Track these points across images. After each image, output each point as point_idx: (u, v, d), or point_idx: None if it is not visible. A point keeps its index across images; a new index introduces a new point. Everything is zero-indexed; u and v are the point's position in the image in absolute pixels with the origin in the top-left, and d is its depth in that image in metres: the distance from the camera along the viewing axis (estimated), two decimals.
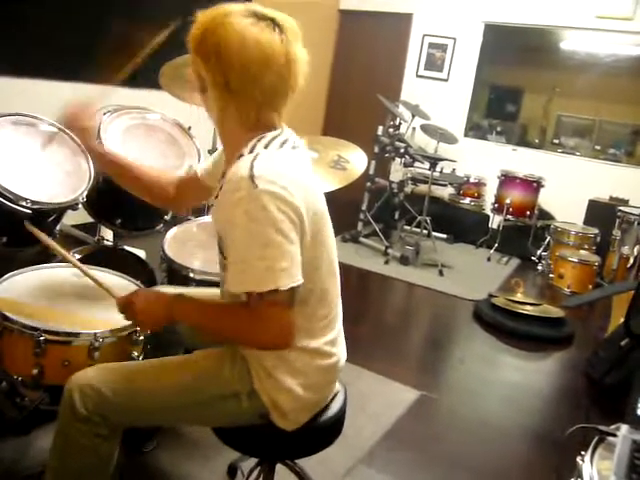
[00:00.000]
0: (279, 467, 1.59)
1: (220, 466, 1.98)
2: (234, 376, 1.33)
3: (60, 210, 2.00)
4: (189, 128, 2.47)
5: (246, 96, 1.24)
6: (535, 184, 5.46)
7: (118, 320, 1.48)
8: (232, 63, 1.20)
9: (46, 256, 2.09)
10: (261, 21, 1.21)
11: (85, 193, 2.02)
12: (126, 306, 1.35)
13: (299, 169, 1.29)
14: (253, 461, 1.69)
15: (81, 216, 2.22)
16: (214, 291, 1.53)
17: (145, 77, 2.09)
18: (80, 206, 2.03)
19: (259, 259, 1.16)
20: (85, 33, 3.85)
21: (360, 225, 5.38)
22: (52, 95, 3.63)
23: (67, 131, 2.14)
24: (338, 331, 1.43)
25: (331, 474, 2.05)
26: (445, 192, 6.19)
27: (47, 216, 2.00)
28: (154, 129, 2.39)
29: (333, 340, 1.39)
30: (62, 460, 1.33)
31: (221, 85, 1.23)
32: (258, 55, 1.20)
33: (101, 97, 1.65)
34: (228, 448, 1.43)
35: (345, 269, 4.39)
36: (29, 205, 1.82)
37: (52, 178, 1.98)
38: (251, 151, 1.24)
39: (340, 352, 1.43)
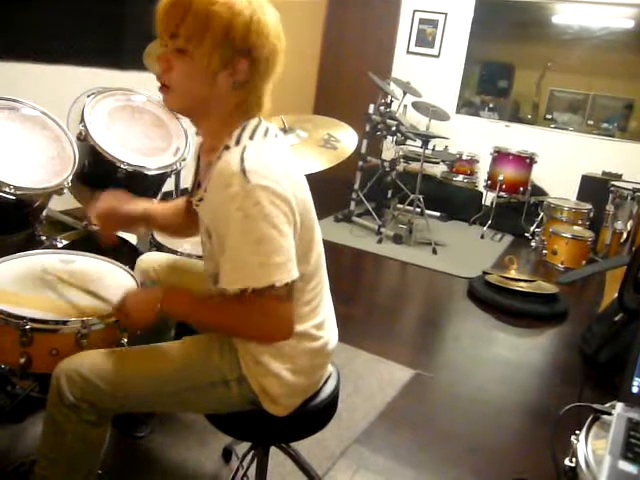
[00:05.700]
0: (273, 449, 1.59)
1: (215, 450, 1.98)
2: (223, 362, 1.32)
3: (45, 196, 1.97)
4: None
5: (262, 86, 1.25)
6: (528, 160, 5.45)
7: (106, 306, 1.46)
8: (267, 59, 1.21)
9: (32, 243, 2.06)
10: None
11: (70, 178, 1.98)
12: (118, 312, 1.35)
13: (285, 158, 1.26)
14: (248, 444, 1.69)
15: (70, 201, 2.19)
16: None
17: (130, 58, 2.03)
18: (66, 191, 1.99)
19: (253, 255, 1.14)
20: (70, 15, 3.77)
21: (353, 204, 5.35)
22: (34, 78, 3.60)
23: (50, 115, 2.10)
24: (325, 315, 1.41)
25: (327, 455, 2.05)
26: (438, 170, 6.16)
27: (32, 202, 1.97)
28: (140, 111, 2.34)
29: (319, 324, 1.37)
30: (52, 447, 1.32)
31: (240, 76, 1.21)
32: (280, 43, 1.23)
33: None
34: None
35: (338, 249, 4.51)
36: (12, 191, 1.79)
37: (36, 163, 1.95)
38: (237, 142, 1.21)
39: (328, 335, 1.41)
